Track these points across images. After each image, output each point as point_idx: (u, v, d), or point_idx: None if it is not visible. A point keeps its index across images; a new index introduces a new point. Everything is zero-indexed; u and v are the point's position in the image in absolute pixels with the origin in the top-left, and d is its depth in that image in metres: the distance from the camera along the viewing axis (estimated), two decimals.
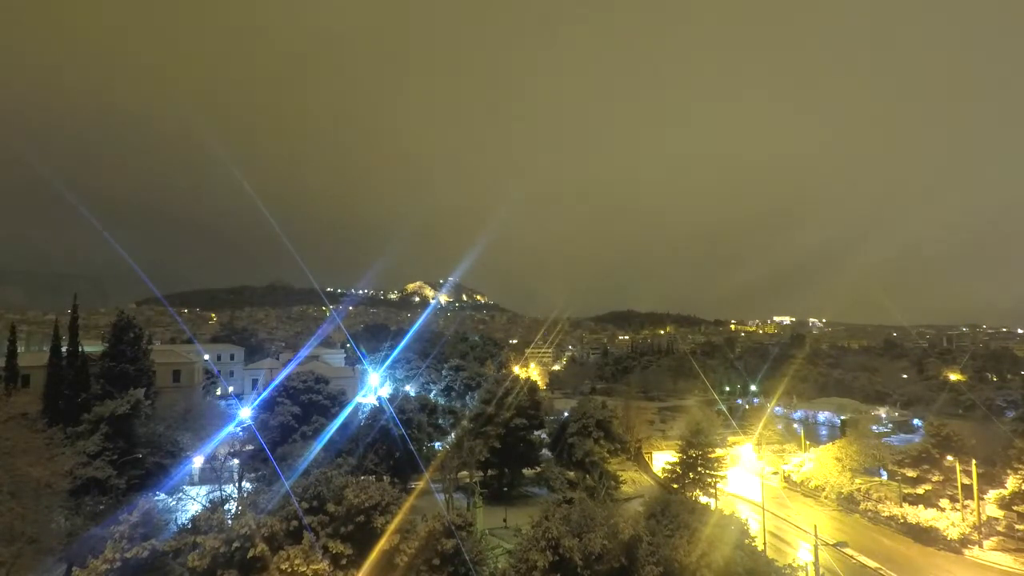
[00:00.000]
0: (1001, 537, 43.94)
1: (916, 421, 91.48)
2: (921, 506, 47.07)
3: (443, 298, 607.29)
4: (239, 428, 49.94)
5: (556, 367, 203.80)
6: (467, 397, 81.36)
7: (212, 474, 44.76)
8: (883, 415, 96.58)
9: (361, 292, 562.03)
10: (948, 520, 44.41)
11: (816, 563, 31.42)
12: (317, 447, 43.74)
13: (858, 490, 52.65)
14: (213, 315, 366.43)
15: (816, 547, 31.88)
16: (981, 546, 42.88)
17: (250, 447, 47.01)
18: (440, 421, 63.68)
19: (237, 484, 43.71)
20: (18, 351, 53.60)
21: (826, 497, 54.80)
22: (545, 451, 60.08)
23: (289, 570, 21.94)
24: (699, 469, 51.42)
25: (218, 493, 38.76)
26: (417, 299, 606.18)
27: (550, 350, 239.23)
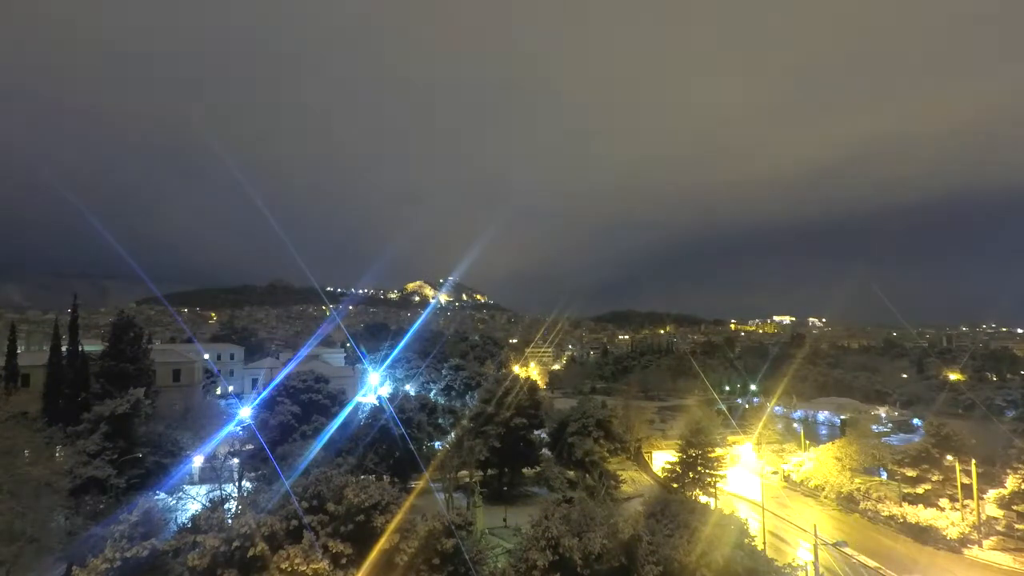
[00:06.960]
0: (1000, 537, 44.01)
1: (916, 421, 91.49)
2: (921, 505, 47.11)
3: (443, 298, 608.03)
4: (239, 427, 49.99)
5: (556, 367, 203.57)
6: (467, 396, 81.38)
7: (212, 473, 44.75)
8: (883, 415, 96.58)
9: (361, 291, 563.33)
10: (948, 519, 44.46)
11: (816, 563, 31.43)
12: (317, 446, 43.71)
13: (858, 490, 52.67)
14: (213, 315, 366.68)
15: (816, 546, 31.88)
16: (981, 545, 42.93)
17: (250, 446, 46.99)
18: (440, 420, 63.62)
19: (237, 483, 43.69)
20: (18, 350, 53.64)
21: (826, 497, 54.82)
22: (545, 450, 60.00)
23: (289, 569, 21.95)
24: (699, 468, 51.39)
25: (218, 492, 38.71)
26: (417, 299, 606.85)
27: (550, 350, 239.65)
